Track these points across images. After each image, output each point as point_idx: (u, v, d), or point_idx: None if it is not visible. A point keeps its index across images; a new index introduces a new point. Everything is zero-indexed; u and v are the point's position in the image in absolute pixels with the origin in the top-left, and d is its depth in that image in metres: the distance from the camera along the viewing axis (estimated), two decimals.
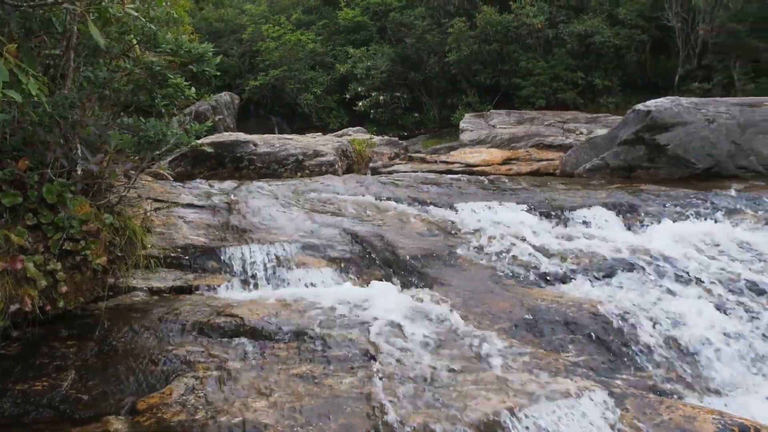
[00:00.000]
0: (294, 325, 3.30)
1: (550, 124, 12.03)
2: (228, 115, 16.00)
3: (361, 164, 9.22)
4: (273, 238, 4.44)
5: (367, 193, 6.00)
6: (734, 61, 15.25)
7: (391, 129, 18.16)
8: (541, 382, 2.87)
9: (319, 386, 2.80)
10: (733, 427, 2.67)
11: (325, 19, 22.37)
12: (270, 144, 9.07)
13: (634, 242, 4.85)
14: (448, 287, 3.93)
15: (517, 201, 5.79)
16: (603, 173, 7.94)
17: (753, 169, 7.68)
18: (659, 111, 7.55)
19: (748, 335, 3.82)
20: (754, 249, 4.89)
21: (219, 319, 3.36)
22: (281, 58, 20.10)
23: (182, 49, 3.28)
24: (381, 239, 4.46)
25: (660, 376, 3.39)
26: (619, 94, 16.60)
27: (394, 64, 19.05)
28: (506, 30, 17.18)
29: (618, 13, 16.63)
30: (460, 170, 8.79)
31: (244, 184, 6.45)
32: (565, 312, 3.65)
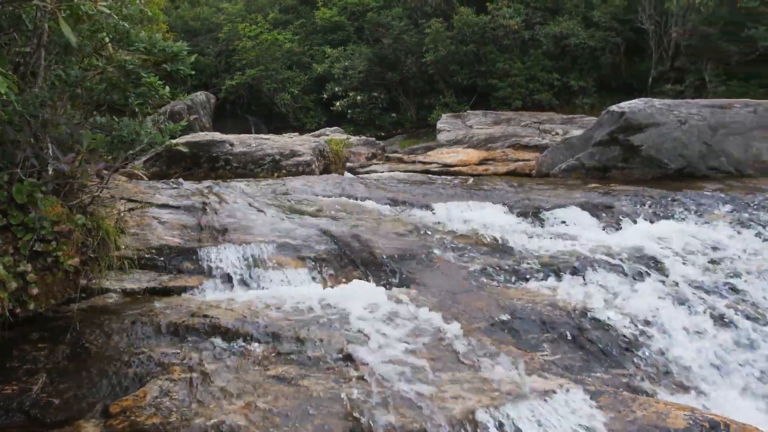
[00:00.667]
0: (270, 325, 3.28)
1: (526, 124, 12.14)
2: (204, 114, 15.86)
3: (338, 164, 9.20)
4: (249, 239, 4.41)
5: (344, 193, 5.99)
6: (706, 64, 15.52)
7: (369, 129, 18.18)
8: (517, 380, 2.89)
9: (296, 387, 2.79)
10: (704, 423, 2.71)
11: (302, 19, 22.29)
12: (246, 144, 9.01)
13: (608, 242, 4.91)
14: (424, 287, 3.94)
15: (494, 201, 5.82)
16: (578, 173, 8.04)
17: (723, 170, 7.83)
18: (633, 112, 7.66)
19: (719, 334, 3.89)
20: (724, 248, 4.98)
21: (194, 320, 3.33)
22: (258, 58, 19.99)
23: (156, 47, 3.23)
24: (358, 239, 4.45)
25: (633, 374, 3.43)
26: (594, 95, 16.80)
27: (371, 64, 19.05)
28: (483, 31, 17.29)
29: (593, 16, 16.84)
30: (437, 170, 8.83)
31: (220, 184, 6.40)
32: (541, 311, 3.69)
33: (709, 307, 4.08)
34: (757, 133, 7.88)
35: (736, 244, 5.12)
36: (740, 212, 5.86)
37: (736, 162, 7.85)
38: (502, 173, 8.66)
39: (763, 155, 7.94)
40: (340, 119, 18.69)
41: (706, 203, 6.16)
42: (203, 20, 22.75)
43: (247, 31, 20.76)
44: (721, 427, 2.71)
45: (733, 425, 2.74)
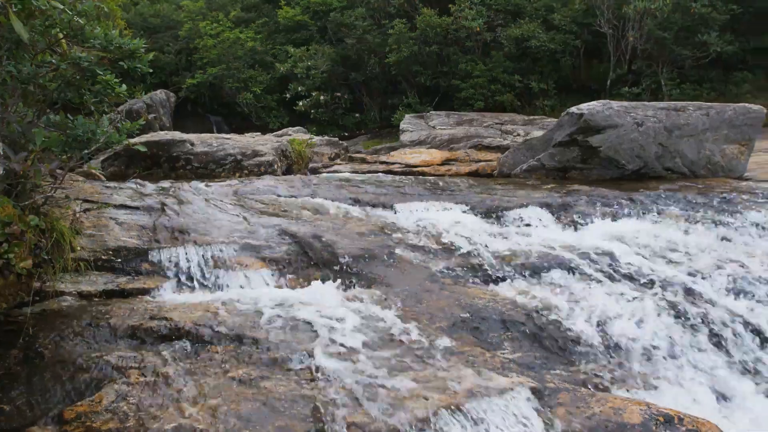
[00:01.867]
0: (231, 327, 3.25)
1: (488, 125, 12.25)
2: (164, 113, 15.59)
3: (301, 164, 9.15)
4: (210, 240, 4.35)
5: (306, 194, 5.96)
6: (661, 67, 15.92)
7: (332, 129, 18.13)
8: (478, 379, 2.92)
9: (257, 389, 2.76)
10: (658, 417, 2.78)
11: (264, 18, 22.10)
12: (207, 143, 8.89)
13: (567, 241, 4.99)
14: (387, 287, 3.94)
15: (456, 201, 5.87)
16: (539, 174, 8.15)
17: (678, 171, 8.04)
18: (592, 114, 7.79)
19: (675, 330, 3.99)
20: (679, 246, 5.12)
21: (152, 322, 3.27)
22: (220, 56, 19.74)
23: (112, 44, 3.16)
24: (320, 240, 4.44)
25: (592, 371, 3.50)
26: (554, 97, 17.07)
27: (334, 64, 19.00)
28: (445, 32, 17.41)
29: (553, 19, 17.11)
30: (400, 171, 8.85)
31: (180, 185, 6.30)
32: (502, 310, 3.73)
33: (666, 304, 4.18)
34: (709, 134, 8.11)
35: (690, 242, 5.27)
36: (693, 211, 6.03)
37: (689, 163, 8.07)
38: (465, 173, 8.72)
39: (715, 156, 8.18)
40: (303, 119, 18.59)
41: (661, 203, 6.32)
42: (163, 17, 22.35)
43: (209, 29, 20.49)
44: (675, 421, 2.78)
45: (687, 418, 2.81)
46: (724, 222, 5.91)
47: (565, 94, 17.05)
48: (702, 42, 15.26)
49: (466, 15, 17.18)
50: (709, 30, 15.18)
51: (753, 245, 5.44)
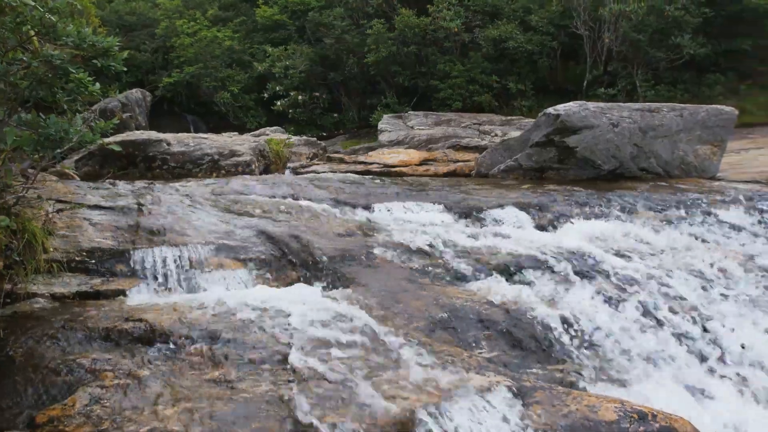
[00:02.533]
0: (207, 328, 3.22)
1: (466, 125, 12.31)
2: (140, 112, 15.40)
3: (279, 164, 9.10)
4: (186, 240, 4.31)
5: (284, 194, 5.93)
6: (636, 69, 16.13)
7: (310, 129, 18.07)
8: (455, 379, 2.93)
9: (233, 391, 2.75)
10: (632, 414, 2.82)
11: (242, 17, 21.96)
12: (184, 143, 8.80)
13: (544, 240, 5.03)
14: (365, 287, 3.94)
15: (434, 201, 5.88)
16: (516, 174, 8.20)
17: (653, 171, 8.15)
18: (568, 115, 7.86)
19: (648, 328, 4.04)
20: (653, 246, 5.19)
21: (127, 324, 3.23)
22: (197, 55, 19.58)
23: (86, 42, 3.11)
24: (297, 240, 4.42)
25: (568, 369, 3.53)
26: (531, 98, 17.21)
27: (313, 63, 18.95)
28: (424, 33, 17.46)
29: (530, 20, 17.25)
30: (378, 171, 8.84)
31: (156, 185, 6.23)
32: (479, 309, 3.75)
33: (640, 303, 4.24)
34: (682, 135, 8.23)
35: (663, 242, 5.35)
36: (667, 211, 6.12)
37: (664, 163, 8.18)
38: (443, 174, 8.75)
39: (688, 157, 8.31)
40: (282, 119, 18.50)
41: (636, 203, 6.40)
42: (139, 15, 22.09)
43: (186, 27, 20.31)
44: (648, 418, 2.82)
45: (660, 415, 2.85)
46: (698, 222, 6.01)
47: (542, 94, 17.20)
48: (676, 44, 15.50)
49: (444, 15, 17.24)
50: (682, 33, 15.42)
51: (725, 244, 5.55)
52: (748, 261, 5.08)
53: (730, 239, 5.76)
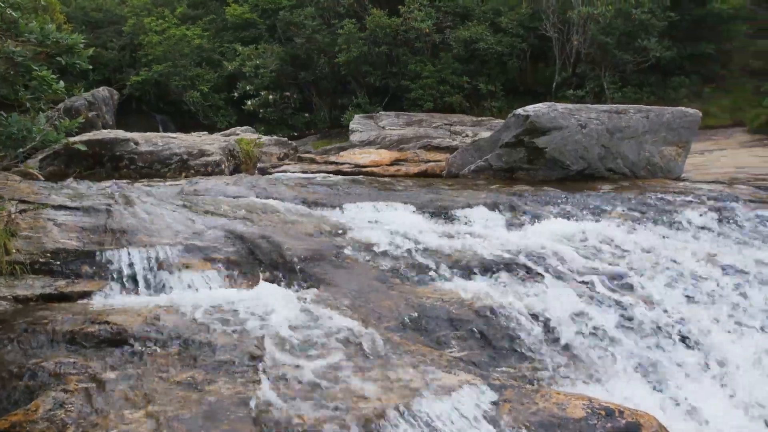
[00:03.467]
0: (175, 330, 3.18)
1: (437, 126, 12.37)
2: (107, 111, 15.14)
3: (249, 164, 9.03)
4: (154, 241, 4.25)
5: (254, 194, 5.89)
6: (604, 71, 16.39)
7: (281, 129, 17.98)
8: (426, 378, 2.94)
9: (202, 393, 2.71)
10: (600, 411, 2.86)
11: (212, 15, 21.73)
12: (152, 143, 8.68)
13: (514, 240, 5.08)
14: (335, 287, 3.93)
15: (405, 201, 5.90)
16: (486, 174, 8.27)
17: (620, 171, 8.29)
18: (537, 116, 7.95)
19: (616, 326, 4.11)
20: (620, 245, 5.28)
21: (93, 327, 3.17)
22: (165, 53, 19.32)
23: (49, 38, 3.04)
24: (267, 240, 4.39)
25: (537, 367, 3.57)
26: (502, 99, 17.37)
27: (283, 63, 18.85)
28: (395, 33, 17.49)
29: (500, 22, 17.41)
30: (349, 171, 8.84)
31: (123, 185, 6.13)
32: (449, 309, 3.77)
33: (608, 301, 4.31)
34: (648, 137, 8.39)
35: (630, 241, 5.44)
36: (633, 211, 6.23)
37: (630, 164, 8.33)
38: (414, 174, 8.79)
39: (654, 157, 8.47)
40: (252, 118, 18.37)
41: (603, 203, 6.51)
42: (106, 12, 21.73)
43: (154, 25, 20.02)
44: (615, 414, 2.87)
45: (627, 411, 2.90)
46: (663, 221, 6.13)
47: (512, 95, 17.37)
48: (642, 47, 15.79)
49: (415, 16, 17.31)
50: (648, 36, 15.72)
51: (688, 242, 5.66)
52: (711, 259, 5.20)
53: (694, 238, 5.88)
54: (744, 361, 4.00)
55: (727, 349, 4.08)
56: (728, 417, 3.57)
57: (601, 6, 15.83)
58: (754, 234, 6.10)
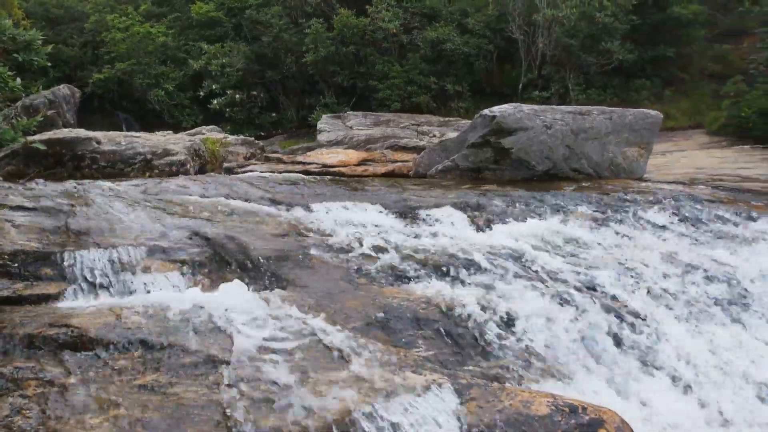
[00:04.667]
0: (138, 333, 3.12)
1: (405, 126, 12.41)
2: (68, 110, 14.81)
3: (215, 164, 8.94)
4: (117, 242, 4.17)
5: (220, 194, 5.82)
6: (569, 73, 16.65)
7: (248, 129, 17.82)
8: (392, 378, 2.94)
9: (165, 396, 2.67)
10: (564, 408, 2.90)
11: (177, 13, 21.43)
12: (115, 142, 8.51)
13: (480, 240, 5.13)
14: (301, 288, 3.91)
15: (372, 201, 5.90)
16: (453, 174, 8.32)
17: (584, 172, 8.43)
18: (503, 116, 8.04)
19: (580, 324, 4.17)
20: (584, 244, 5.37)
21: (53, 330, 3.09)
22: (129, 51, 18.98)
23: (5, 34, 2.96)
24: (233, 241, 4.34)
25: (503, 366, 3.60)
26: (469, 100, 17.51)
27: (250, 62, 18.69)
28: (363, 33, 17.50)
29: (467, 23, 17.54)
30: (317, 171, 8.81)
31: (85, 185, 6.00)
32: (416, 309, 3.78)
33: (572, 300, 4.37)
34: (611, 137, 8.55)
35: (593, 240, 5.53)
36: (597, 211, 6.34)
37: (594, 164, 8.47)
38: (381, 174, 8.80)
39: (617, 158, 8.63)
40: (218, 118, 18.17)
41: (568, 203, 6.60)
42: (67, 8, 21.24)
43: (117, 22, 19.65)
44: (579, 411, 2.91)
45: (590, 407, 2.94)
46: (626, 221, 6.25)
47: (479, 96, 17.53)
48: (606, 50, 16.08)
49: (383, 17, 17.34)
50: (612, 39, 16.02)
51: (650, 241, 5.78)
52: (671, 258, 5.32)
53: (655, 237, 6.01)
54: (701, 355, 4.10)
55: (686, 344, 4.18)
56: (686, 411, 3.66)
57: (565, 9, 16.08)
58: (713, 233, 6.26)
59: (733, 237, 6.20)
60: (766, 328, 4.58)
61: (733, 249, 5.82)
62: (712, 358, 4.15)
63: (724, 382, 3.92)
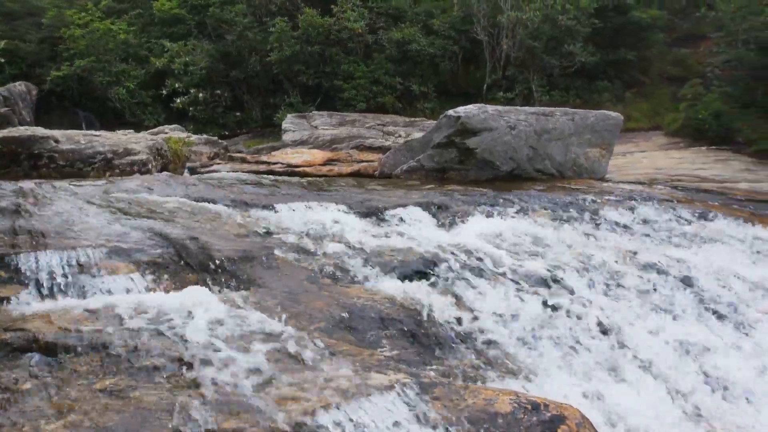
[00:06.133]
0: (97, 336, 3.05)
1: (370, 126, 12.42)
2: (24, 107, 14.44)
3: (178, 164, 8.81)
4: (75, 243, 4.07)
5: (182, 194, 5.73)
6: (532, 75, 16.87)
7: (212, 128, 17.60)
8: (356, 378, 2.93)
9: (125, 400, 2.62)
10: (526, 405, 2.93)
11: (138, 9, 21.03)
12: (74, 140, 8.33)
13: (445, 239, 5.15)
14: (265, 289, 3.88)
15: (337, 201, 5.88)
16: (419, 174, 8.36)
17: (548, 172, 8.56)
18: (468, 117, 8.10)
19: (543, 322, 4.23)
20: (546, 243, 5.44)
21: (6, 335, 3.01)
22: (89, 48, 18.53)
23: None
24: (195, 242, 4.28)
25: (467, 365, 3.63)
26: (434, 100, 17.60)
27: (214, 60, 18.47)
28: (328, 33, 17.44)
29: (433, 24, 17.63)
30: (281, 171, 8.76)
31: (42, 184, 5.84)
32: (380, 308, 3.78)
33: (535, 298, 4.43)
34: (574, 138, 8.70)
35: (556, 239, 5.62)
36: (560, 210, 6.44)
37: (557, 165, 8.61)
38: (347, 174, 8.79)
39: (579, 159, 8.78)
40: (182, 117, 17.90)
41: (532, 202, 6.69)
42: (23, 2, 20.64)
43: (76, 18, 19.18)
44: (541, 408, 2.94)
45: (552, 404, 2.98)
46: (588, 220, 6.36)
47: (444, 97, 17.63)
48: (568, 52, 16.35)
49: (348, 16, 17.31)
50: (574, 41, 16.28)
51: (611, 240, 5.90)
52: (631, 256, 5.43)
53: (616, 236, 6.13)
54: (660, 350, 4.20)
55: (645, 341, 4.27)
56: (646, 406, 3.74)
57: (529, 11, 16.29)
58: (670, 232, 6.42)
59: (691, 236, 6.37)
60: (718, 324, 4.72)
61: (690, 247, 5.97)
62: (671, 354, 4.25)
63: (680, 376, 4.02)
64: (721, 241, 6.29)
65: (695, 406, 3.84)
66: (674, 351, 4.30)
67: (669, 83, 17.61)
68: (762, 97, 13.51)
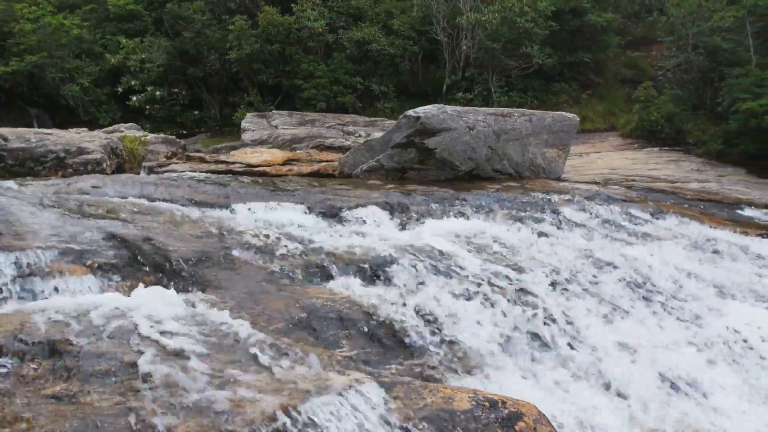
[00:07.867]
0: (47, 340, 2.96)
1: (330, 126, 12.38)
2: None
3: (134, 163, 8.62)
4: (24, 245, 3.95)
5: (137, 194, 5.62)
6: (491, 76, 17.05)
7: (170, 127, 17.27)
8: (316, 378, 2.92)
9: (77, 405, 2.55)
10: (484, 403, 2.96)
11: (92, 4, 20.48)
12: (24, 139, 8.08)
13: (404, 239, 5.18)
14: (223, 290, 3.83)
15: (296, 201, 5.85)
16: (378, 174, 8.36)
17: (506, 172, 8.67)
18: (427, 117, 8.15)
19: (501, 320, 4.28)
20: (504, 243, 5.51)
21: None
22: (40, 43, 17.94)
23: None
24: (151, 242, 4.20)
25: (426, 363, 3.65)
26: (394, 100, 17.63)
27: (171, 58, 18.12)
28: (288, 31, 17.31)
29: (393, 24, 17.66)
30: (240, 170, 8.66)
31: None
32: (339, 309, 3.77)
33: (493, 296, 4.48)
34: (531, 139, 8.83)
35: (513, 238, 5.69)
36: (518, 210, 6.53)
37: (515, 165, 8.72)
38: (306, 173, 8.74)
39: (537, 159, 8.92)
40: (138, 115, 17.50)
41: (490, 202, 6.77)
42: None
43: (26, 12, 18.58)
44: (499, 405, 2.98)
45: (509, 401, 3.02)
46: (545, 219, 6.46)
47: (404, 97, 17.68)
48: (526, 54, 16.58)
49: (308, 15, 17.21)
50: (531, 43, 16.52)
51: (567, 239, 6.01)
52: (586, 254, 5.54)
53: (572, 235, 6.25)
54: (613, 346, 4.30)
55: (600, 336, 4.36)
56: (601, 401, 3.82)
57: (488, 13, 16.46)
58: (625, 231, 6.58)
59: (644, 234, 6.53)
60: (671, 320, 4.85)
61: (643, 245, 6.13)
62: (625, 349, 4.35)
63: (633, 370, 4.12)
64: (673, 239, 6.48)
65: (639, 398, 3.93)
66: (624, 345, 4.39)
67: (623, 85, 18.03)
68: (710, 100, 13.96)
